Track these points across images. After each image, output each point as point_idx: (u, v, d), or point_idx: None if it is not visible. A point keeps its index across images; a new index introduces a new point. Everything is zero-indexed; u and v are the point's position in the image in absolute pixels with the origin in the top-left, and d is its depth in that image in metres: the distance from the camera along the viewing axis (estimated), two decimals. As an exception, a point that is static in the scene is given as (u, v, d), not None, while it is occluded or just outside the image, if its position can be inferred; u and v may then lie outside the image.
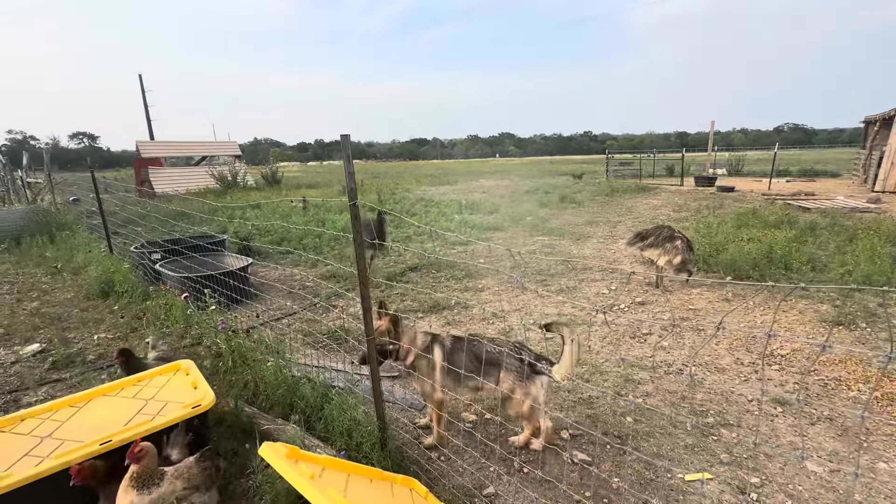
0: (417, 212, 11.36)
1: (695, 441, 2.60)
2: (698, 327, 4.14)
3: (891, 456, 2.43)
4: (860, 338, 3.80)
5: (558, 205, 12.40)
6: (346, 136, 1.91)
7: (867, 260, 5.26)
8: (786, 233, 6.90)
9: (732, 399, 3.01)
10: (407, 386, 3.30)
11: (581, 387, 3.20)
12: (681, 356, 3.64)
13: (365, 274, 2.13)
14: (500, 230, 9.11)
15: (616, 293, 5.23)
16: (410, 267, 6.40)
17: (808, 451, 2.49)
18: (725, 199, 12.46)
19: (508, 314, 4.68)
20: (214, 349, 3.74)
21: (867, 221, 7.78)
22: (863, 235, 6.43)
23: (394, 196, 15.38)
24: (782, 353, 3.59)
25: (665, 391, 3.13)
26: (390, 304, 4.93)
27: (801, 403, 2.93)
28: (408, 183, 23.01)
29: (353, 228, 2.08)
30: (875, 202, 10.87)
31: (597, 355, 3.68)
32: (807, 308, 4.45)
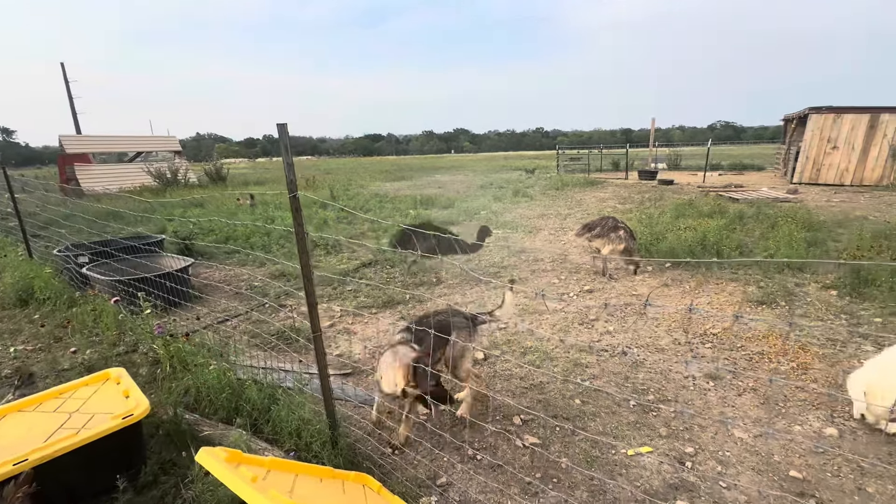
0: (372, 207, 11.20)
1: (637, 418, 2.75)
2: (640, 311, 4.37)
3: (804, 419, 2.69)
4: (780, 315, 4.17)
5: (512, 199, 12.65)
6: (283, 125, 1.83)
7: (786, 244, 5.77)
8: (717, 221, 7.43)
9: (670, 377, 3.21)
10: (360, 382, 3.25)
11: (532, 373, 3.29)
12: (624, 339, 3.83)
13: (308, 269, 2.07)
14: (454, 224, 9.15)
15: (566, 282, 5.42)
16: (364, 263, 6.30)
17: (735, 419, 2.70)
18: (665, 191, 13.22)
19: (463, 307, 4.72)
20: (152, 355, 3.50)
21: (786, 210, 8.53)
22: (782, 223, 7.04)
23: (347, 192, 15.06)
24: (714, 332, 3.87)
25: (610, 373, 3.28)
26: (342, 301, 4.84)
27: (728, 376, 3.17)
28: (362, 179, 22.60)
29: (294, 222, 2.00)
30: (793, 193, 11.94)
31: (547, 342, 3.80)
32: (735, 290, 4.82)
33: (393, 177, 23.42)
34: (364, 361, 3.57)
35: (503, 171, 24.63)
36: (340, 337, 4.09)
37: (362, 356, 3.67)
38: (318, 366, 2.24)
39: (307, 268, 2.07)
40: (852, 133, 13.39)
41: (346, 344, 3.92)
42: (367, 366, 3.46)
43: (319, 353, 2.20)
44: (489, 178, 19.56)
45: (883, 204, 10.04)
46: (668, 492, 2.18)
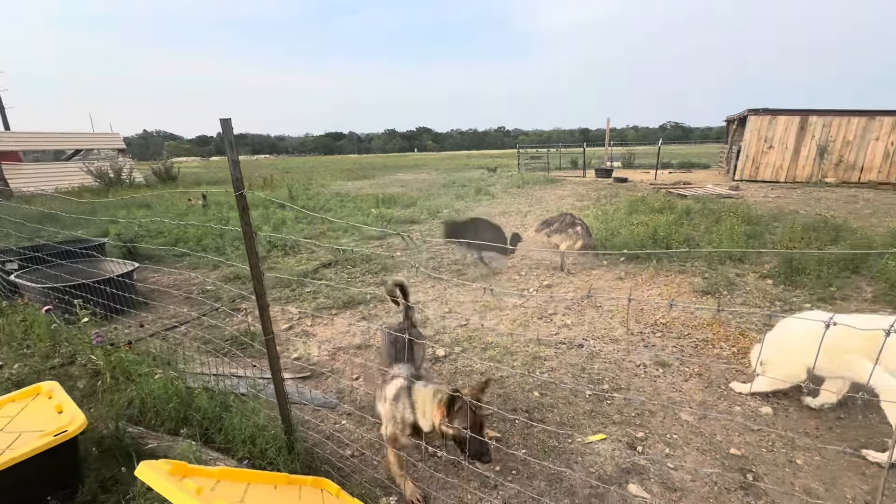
0: (332, 207, 10.98)
1: (592, 407, 2.84)
2: (596, 304, 4.53)
3: (743, 400, 2.88)
4: (723, 303, 4.43)
5: (474, 197, 12.75)
6: (227, 120, 1.76)
7: (728, 238, 6.15)
8: (667, 217, 7.81)
9: (624, 366, 3.34)
10: (319, 385, 3.18)
11: (493, 368, 3.34)
12: (581, 332, 3.95)
13: (258, 270, 2.00)
14: (417, 223, 9.13)
15: (525, 278, 5.53)
16: (324, 263, 6.17)
17: (682, 404, 2.85)
18: (620, 188, 13.76)
19: (425, 304, 4.72)
20: (91, 367, 3.27)
21: (729, 205, 9.08)
22: (725, 217, 7.49)
23: (307, 192, 14.68)
24: (663, 322, 4.06)
25: (568, 364, 3.38)
26: (301, 302, 4.72)
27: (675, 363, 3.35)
28: (323, 178, 22.11)
29: (241, 221, 1.93)
30: (735, 189, 12.74)
31: (508, 337, 3.86)
32: (683, 281, 5.08)
33: (355, 175, 23.06)
34: (323, 364, 3.49)
35: (466, 170, 24.80)
36: (299, 339, 3.98)
37: (321, 358, 3.59)
38: (271, 370, 2.17)
39: (257, 269, 2.00)
40: (785, 133, 14.44)
41: (304, 346, 3.82)
42: (325, 368, 3.39)
43: (272, 356, 2.13)
44: (452, 177, 19.65)
45: (812, 199, 10.90)
46: (621, 476, 2.27)
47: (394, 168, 29.75)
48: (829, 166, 14.17)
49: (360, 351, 3.70)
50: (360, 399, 3.00)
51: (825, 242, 6.03)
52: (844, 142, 13.94)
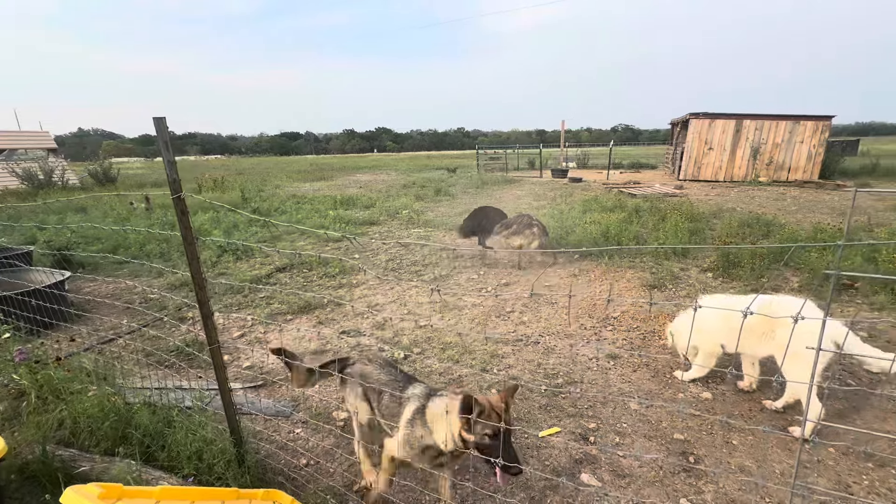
0: (288, 209, 10.64)
1: (548, 401, 2.92)
2: (552, 301, 4.65)
3: (686, 387, 3.05)
4: (668, 296, 4.68)
5: (434, 198, 12.78)
6: (161, 119, 1.66)
7: (673, 234, 6.50)
8: (618, 215, 8.15)
9: (578, 360, 3.46)
10: (272, 394, 3.07)
11: (452, 368, 3.35)
12: (538, 328, 4.05)
13: (200, 277, 1.90)
14: (376, 224, 9.03)
15: (484, 277, 5.60)
16: (279, 268, 5.97)
17: (631, 394, 2.98)
18: (575, 188, 14.23)
19: (383, 307, 4.67)
20: (14, 387, 2.99)
21: (674, 204, 9.61)
22: (670, 215, 7.92)
23: (261, 193, 14.16)
24: (615, 316, 4.24)
25: (525, 361, 3.45)
26: (254, 309, 4.55)
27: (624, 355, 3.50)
28: (278, 179, 21.41)
29: (180, 225, 1.83)
30: (679, 188, 13.50)
31: (466, 336, 3.89)
32: (633, 277, 5.32)
33: (312, 177, 22.50)
34: (277, 371, 3.38)
35: (426, 171, 24.79)
36: (251, 347, 3.83)
37: (275, 366, 3.47)
38: (217, 380, 2.07)
39: (199, 276, 1.90)
40: (723, 136, 15.46)
41: (257, 354, 3.68)
42: (280, 376, 3.28)
43: (218, 366, 2.03)
44: (412, 178, 19.58)
45: (747, 197, 11.74)
46: (574, 466, 2.34)
47: (353, 169, 29.28)
48: (762, 166, 15.31)
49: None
50: (315, 406, 2.93)
51: (758, 237, 6.50)
52: (774, 144, 15.11)
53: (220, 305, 4.72)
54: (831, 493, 2.07)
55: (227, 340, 3.94)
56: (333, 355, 2.36)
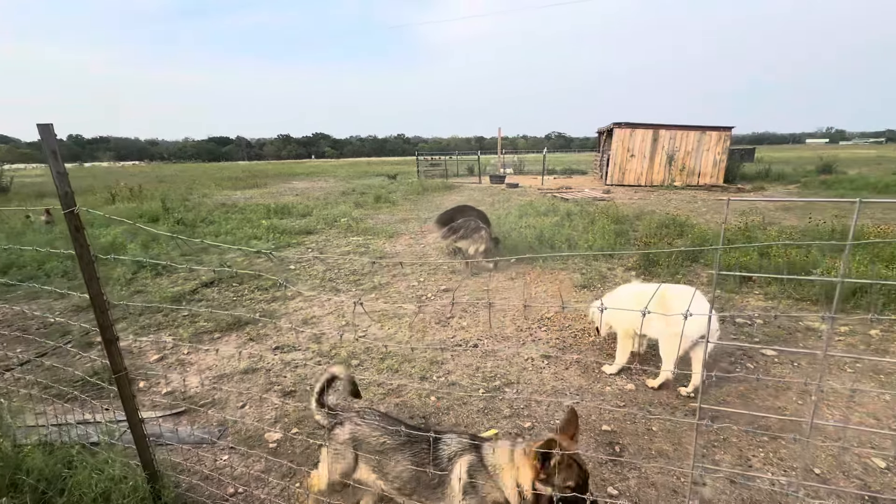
0: (216, 219, 10.00)
1: (486, 404, 2.97)
2: (489, 305, 4.76)
3: (612, 381, 3.25)
4: (598, 295, 4.97)
5: (373, 205, 12.62)
6: (47, 126, 1.49)
7: (600, 236, 6.93)
8: (551, 219, 8.56)
9: (514, 361, 3.56)
10: (197, 420, 2.85)
11: (391, 378, 3.31)
12: (476, 332, 4.12)
13: (101, 299, 1.72)
14: (313, 233, 8.74)
15: (424, 284, 5.61)
16: (205, 283, 5.57)
17: (563, 391, 3.12)
18: (512, 193, 14.73)
19: (321, 319, 4.52)
20: None
21: (602, 207, 10.25)
22: (598, 218, 8.44)
23: (186, 203, 13.19)
24: (548, 316, 4.43)
25: (464, 366, 3.50)
26: (176, 329, 4.22)
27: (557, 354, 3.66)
28: (205, 187, 20.08)
29: (75, 243, 1.65)
30: (607, 193, 14.44)
31: (406, 345, 3.87)
32: (565, 278, 5.60)
33: (244, 184, 21.36)
34: (202, 395, 3.15)
35: (366, 177, 24.46)
36: (173, 371, 3.53)
37: (200, 390, 3.23)
38: (126, 411, 1.89)
39: (99, 298, 1.72)
40: (642, 144, 16.78)
41: (179, 378, 3.40)
42: (205, 399, 3.06)
43: (126, 396, 1.85)
44: (351, 184, 19.23)
45: (665, 200, 12.82)
46: (511, 467, 2.40)
47: (288, 175, 28.18)
48: (676, 172, 16.79)
49: (246, 376, 3.41)
50: (245, 430, 2.76)
51: (673, 237, 7.11)
52: (686, 152, 16.65)
53: (136, 327, 4.31)
54: (724, 469, 2.30)
55: (145, 365, 3.61)
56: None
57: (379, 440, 1.65)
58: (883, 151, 45.71)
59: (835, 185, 14.33)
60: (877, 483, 2.22)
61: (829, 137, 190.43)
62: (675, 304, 2.83)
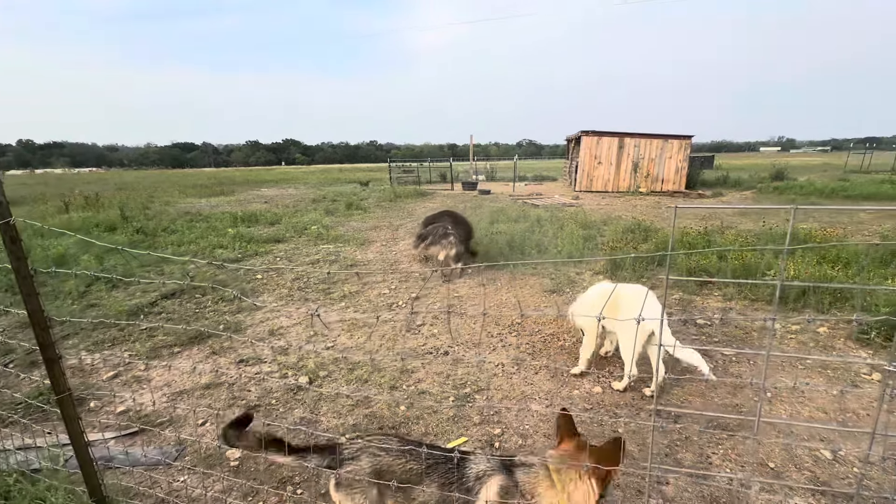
0: (179, 228, 9.62)
1: (456, 412, 2.96)
2: (461, 311, 4.77)
3: (581, 384, 3.30)
4: (567, 300, 5.06)
5: (345, 212, 12.47)
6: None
7: (569, 242, 7.07)
8: (522, 225, 8.67)
9: (484, 367, 3.57)
10: (153, 440, 2.71)
11: (360, 389, 3.26)
12: (447, 339, 4.11)
13: (40, 315, 1.62)
14: (282, 242, 8.54)
15: (396, 291, 5.56)
16: (165, 294, 5.34)
17: (533, 396, 3.15)
18: (484, 200, 14.87)
19: (288, 330, 4.41)
20: None
21: (571, 213, 10.49)
22: (567, 224, 8.62)
23: (147, 211, 12.65)
24: (518, 322, 4.47)
25: (434, 374, 3.47)
26: (132, 343, 4.03)
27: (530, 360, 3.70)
28: (169, 194, 19.33)
29: (10, 256, 1.54)
30: (576, 199, 14.78)
31: (376, 353, 3.82)
32: (535, 283, 5.67)
33: (210, 191, 20.68)
34: (160, 413, 3.00)
35: (337, 184, 24.18)
36: (127, 389, 3.36)
37: (157, 408, 3.08)
38: (69, 434, 1.77)
39: (38, 314, 1.62)
40: (609, 152, 17.31)
41: (135, 396, 3.23)
42: (163, 417, 2.91)
43: (69, 418, 1.74)
44: (322, 191, 18.95)
45: (631, 206, 13.23)
46: (480, 475, 2.39)
47: (257, 182, 27.52)
48: (641, 178, 17.38)
49: (207, 391, 3.27)
50: (205, 449, 2.64)
51: (639, 242, 7.33)
52: (650, 159, 17.27)
53: (89, 343, 4.08)
54: (682, 470, 2.37)
55: (97, 383, 3.42)
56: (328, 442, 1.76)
57: (405, 467, 1.52)
58: (828, 159, 48.85)
59: (786, 191, 15.19)
60: (825, 474, 2.33)
61: (781, 146, 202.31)
62: (628, 304, 2.96)
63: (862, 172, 24.41)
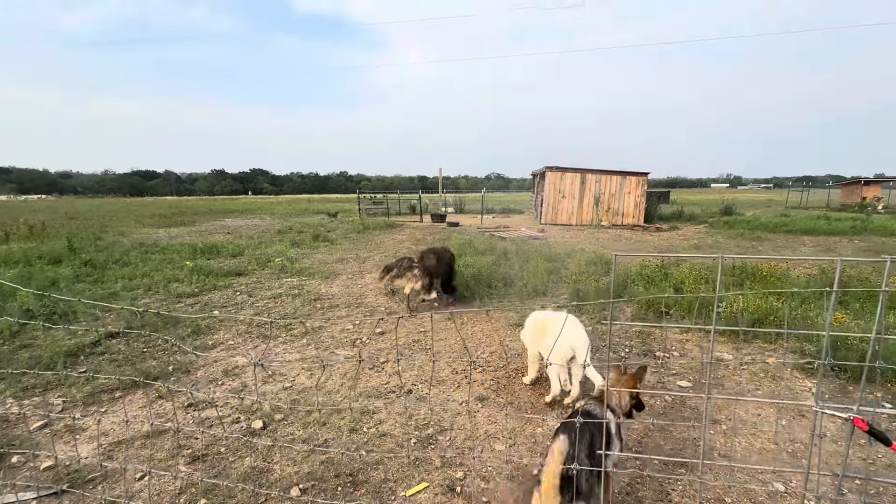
0: (132, 260, 9.16)
1: (418, 454, 2.86)
2: (426, 347, 4.70)
3: (545, 420, 3.28)
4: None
5: (311, 244, 12.27)
6: None
7: (534, 275, 7.20)
8: (489, 258, 8.78)
9: (448, 406, 3.49)
10: (81, 500, 2.46)
11: (317, 432, 3.11)
12: (411, 377, 4.02)
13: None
14: (243, 275, 8.25)
15: (360, 327, 5.44)
16: (111, 333, 5.00)
17: (496, 434, 3.09)
18: (453, 232, 15.01)
19: (244, 369, 4.19)
20: None
21: (536, 246, 10.74)
22: (533, 257, 8.80)
23: (98, 242, 12.00)
24: (484, 357, 4.44)
25: (396, 414, 3.37)
26: (68, 388, 3.72)
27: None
28: (124, 224, 18.50)
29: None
30: (542, 232, 15.18)
31: (336, 394, 3.68)
32: (500, 316, 5.69)
33: (169, 221, 19.96)
34: (92, 467, 2.74)
35: (305, 215, 23.89)
36: (59, 440, 3.06)
37: (91, 460, 2.81)
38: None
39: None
40: (572, 186, 18.03)
41: (67, 448, 2.95)
42: (94, 473, 2.66)
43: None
44: (289, 222, 18.64)
45: (594, 238, 13.69)
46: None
47: (221, 212, 26.81)
48: (603, 212, 18.12)
49: (149, 441, 3.03)
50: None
51: (600, 274, 7.55)
52: (610, 194, 18.09)
53: (17, 388, 3.73)
54: (656, 503, 2.36)
55: (22, 434, 3.11)
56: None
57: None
58: (771, 196, 52.80)
59: (735, 225, 16.18)
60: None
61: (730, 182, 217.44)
62: (552, 328, 3.38)
63: (801, 208, 26.44)
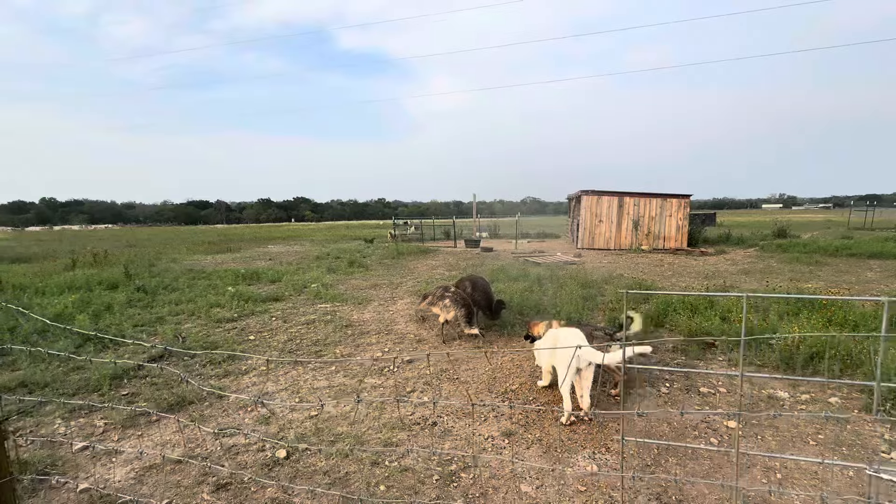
0: (180, 286, 9.68)
1: (439, 492, 2.75)
2: (454, 377, 4.60)
3: (575, 461, 3.08)
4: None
5: (346, 270, 12.53)
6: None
7: (568, 302, 6.97)
8: (521, 284, 8.61)
9: (473, 440, 3.36)
10: (110, 523, 2.52)
11: (339, 464, 3.06)
12: (437, 408, 3.92)
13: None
14: (280, 300, 8.51)
15: (389, 354, 5.42)
16: (153, 357, 5.24)
17: (523, 474, 2.93)
18: (486, 257, 14.93)
19: (273, 396, 4.25)
20: None
21: (572, 271, 10.44)
22: (568, 283, 8.55)
23: (152, 268, 12.81)
24: (513, 389, 4.28)
25: (419, 448, 3.27)
26: (110, 410, 3.88)
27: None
28: (177, 251, 19.70)
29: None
30: (578, 257, 14.80)
31: (361, 424, 3.64)
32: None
33: (217, 248, 21.05)
34: (124, 490, 2.81)
35: (343, 241, 24.55)
36: (97, 462, 3.18)
37: (123, 483, 2.89)
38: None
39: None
40: (609, 210, 17.58)
41: (103, 470, 3.06)
42: (123, 498, 2.72)
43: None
44: (327, 248, 19.19)
45: (633, 264, 13.18)
46: (460, 571, 2.16)
47: (265, 239, 28.05)
48: (642, 236, 17.49)
49: (178, 467, 3.09)
50: (165, 533, 2.44)
51: (639, 302, 7.20)
52: (650, 217, 17.48)
53: (65, 410, 3.94)
54: None
55: (65, 455, 3.25)
56: None
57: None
58: (830, 216, 49.22)
59: (790, 248, 15.11)
60: (847, 576, 2.08)
61: (783, 203, 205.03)
62: (563, 342, 3.63)
63: (866, 230, 24.41)
